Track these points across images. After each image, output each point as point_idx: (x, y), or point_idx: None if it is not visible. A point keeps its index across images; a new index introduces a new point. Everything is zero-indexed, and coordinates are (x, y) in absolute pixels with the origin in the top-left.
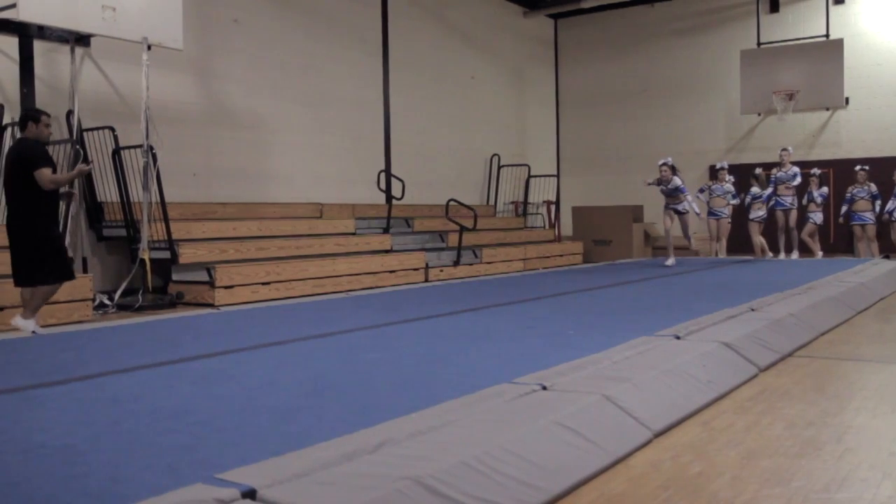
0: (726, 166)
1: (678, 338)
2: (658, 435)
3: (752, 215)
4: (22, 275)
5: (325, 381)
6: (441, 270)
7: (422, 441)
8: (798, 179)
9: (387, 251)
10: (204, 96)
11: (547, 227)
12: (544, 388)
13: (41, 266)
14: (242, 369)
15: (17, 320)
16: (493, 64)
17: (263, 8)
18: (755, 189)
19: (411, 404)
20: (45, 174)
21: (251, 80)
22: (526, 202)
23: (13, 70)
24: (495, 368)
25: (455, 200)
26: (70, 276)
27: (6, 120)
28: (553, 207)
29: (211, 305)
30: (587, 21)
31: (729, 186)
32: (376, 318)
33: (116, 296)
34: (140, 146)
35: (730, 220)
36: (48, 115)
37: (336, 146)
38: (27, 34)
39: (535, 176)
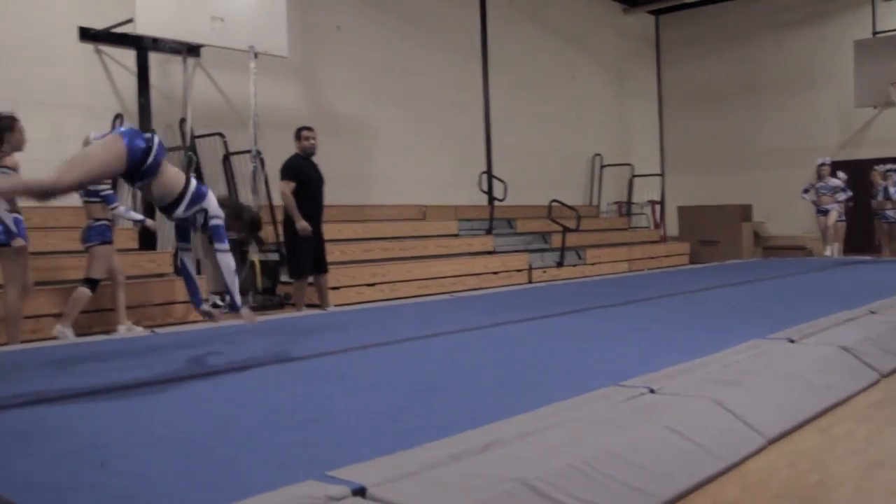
0: (828, 162)
1: (792, 341)
2: (772, 441)
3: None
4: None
5: (432, 382)
6: (544, 272)
7: (528, 443)
8: None
9: (490, 252)
10: (308, 101)
11: (652, 227)
12: (652, 391)
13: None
14: (350, 369)
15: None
16: (593, 62)
17: (364, 14)
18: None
19: (517, 406)
20: (281, 186)
21: (353, 85)
22: (630, 202)
23: (131, 81)
24: (601, 371)
25: (557, 201)
26: (295, 274)
27: (124, 128)
28: (658, 207)
29: (318, 306)
30: (690, 16)
31: (836, 182)
32: (480, 319)
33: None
34: (248, 151)
35: (843, 219)
36: (309, 129)
37: (437, 148)
38: (143, 47)
39: (639, 175)
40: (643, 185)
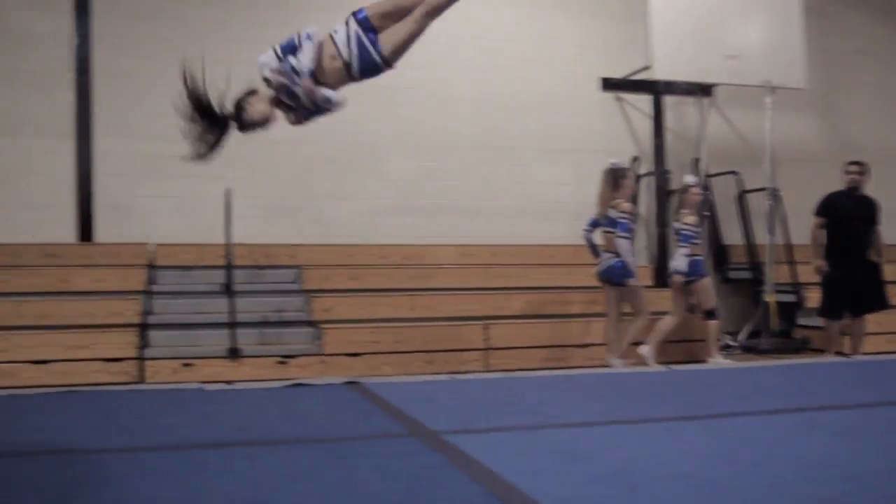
0: None
1: None
2: None
3: None
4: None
5: None
6: None
7: None
8: None
9: None
10: (826, 133)
11: None
12: None
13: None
14: (885, 426)
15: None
16: None
17: (889, 34)
18: None
19: None
20: (813, 221)
21: (877, 111)
22: None
23: (646, 124)
24: None
25: None
26: (825, 314)
27: (642, 170)
28: None
29: (841, 354)
30: None
31: None
32: None
33: (741, 337)
34: (764, 189)
35: None
36: (852, 164)
37: None
38: (658, 91)
39: None
40: None
